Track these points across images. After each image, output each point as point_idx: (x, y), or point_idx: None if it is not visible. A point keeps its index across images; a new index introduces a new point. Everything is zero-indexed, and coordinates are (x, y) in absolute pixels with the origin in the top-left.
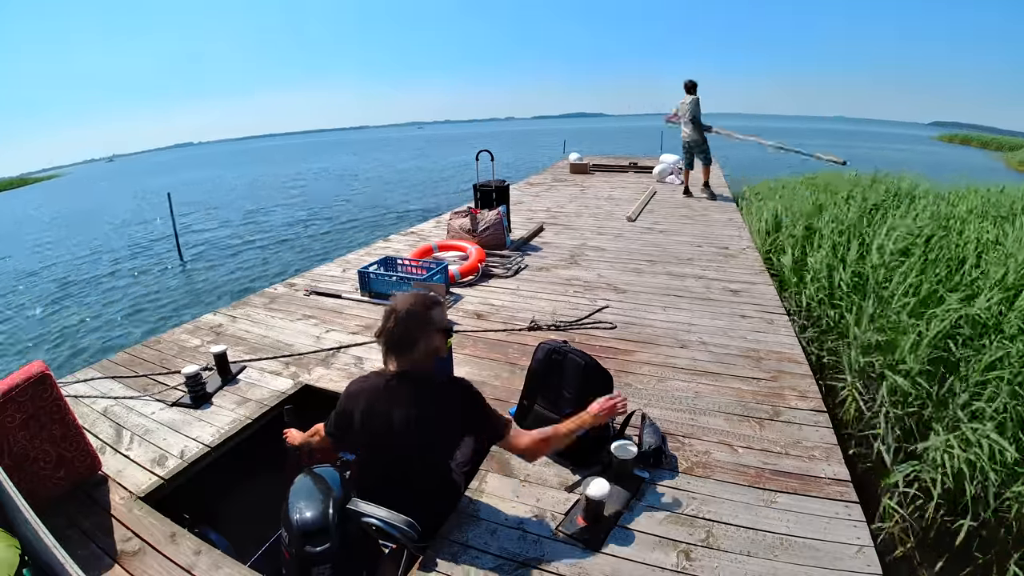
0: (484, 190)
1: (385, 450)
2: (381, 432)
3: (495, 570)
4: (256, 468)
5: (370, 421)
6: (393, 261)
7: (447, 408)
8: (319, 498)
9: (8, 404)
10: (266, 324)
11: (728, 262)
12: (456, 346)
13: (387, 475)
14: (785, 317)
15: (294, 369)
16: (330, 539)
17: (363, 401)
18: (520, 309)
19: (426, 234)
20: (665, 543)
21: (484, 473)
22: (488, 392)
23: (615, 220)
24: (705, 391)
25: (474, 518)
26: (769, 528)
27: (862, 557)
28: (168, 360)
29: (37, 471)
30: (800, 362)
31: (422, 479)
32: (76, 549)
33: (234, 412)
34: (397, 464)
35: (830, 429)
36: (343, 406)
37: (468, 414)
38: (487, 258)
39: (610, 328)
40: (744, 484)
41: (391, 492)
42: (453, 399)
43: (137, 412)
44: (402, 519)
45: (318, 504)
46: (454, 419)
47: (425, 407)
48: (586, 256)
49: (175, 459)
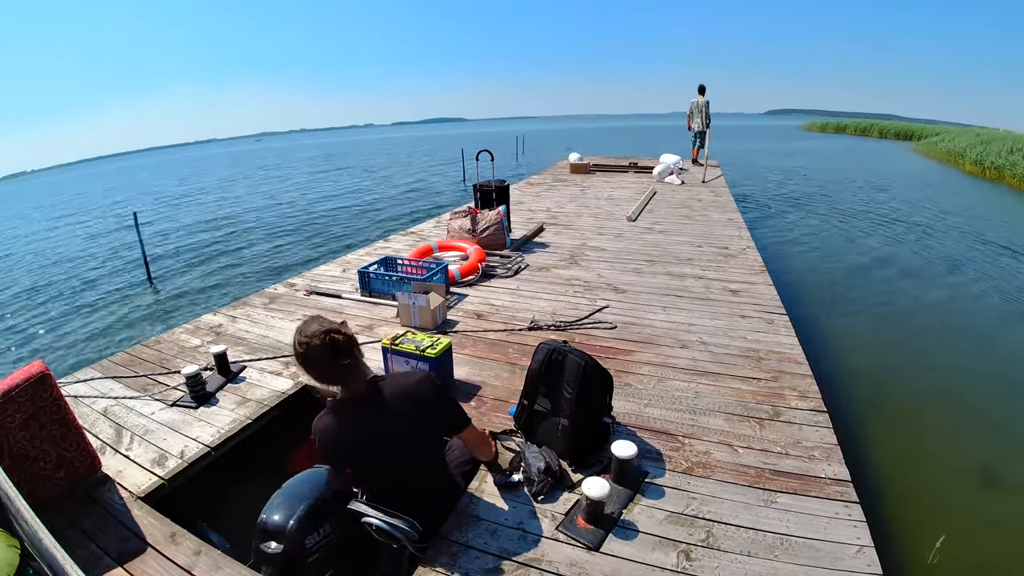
0: (484, 190)
1: (379, 467)
2: (369, 456)
3: (495, 570)
4: (256, 468)
5: (355, 452)
6: (393, 261)
7: (417, 406)
8: (294, 504)
9: (8, 404)
10: (266, 324)
11: (728, 262)
12: (456, 346)
13: (385, 481)
14: (785, 317)
15: (294, 369)
16: (283, 544)
17: (335, 438)
18: (520, 309)
19: (426, 234)
20: (665, 543)
21: (484, 473)
22: (488, 392)
23: (615, 220)
24: (705, 391)
25: (474, 518)
26: (769, 528)
27: (862, 557)
28: (168, 360)
29: (37, 471)
30: (800, 362)
31: (419, 481)
32: (76, 549)
33: (234, 412)
34: (394, 473)
35: (830, 429)
36: (321, 446)
37: (435, 407)
38: (487, 258)
39: (610, 328)
40: (744, 484)
41: (391, 493)
42: (421, 395)
43: (137, 412)
44: (403, 519)
45: (288, 509)
46: (426, 415)
47: (398, 415)
48: (586, 256)
49: (175, 459)
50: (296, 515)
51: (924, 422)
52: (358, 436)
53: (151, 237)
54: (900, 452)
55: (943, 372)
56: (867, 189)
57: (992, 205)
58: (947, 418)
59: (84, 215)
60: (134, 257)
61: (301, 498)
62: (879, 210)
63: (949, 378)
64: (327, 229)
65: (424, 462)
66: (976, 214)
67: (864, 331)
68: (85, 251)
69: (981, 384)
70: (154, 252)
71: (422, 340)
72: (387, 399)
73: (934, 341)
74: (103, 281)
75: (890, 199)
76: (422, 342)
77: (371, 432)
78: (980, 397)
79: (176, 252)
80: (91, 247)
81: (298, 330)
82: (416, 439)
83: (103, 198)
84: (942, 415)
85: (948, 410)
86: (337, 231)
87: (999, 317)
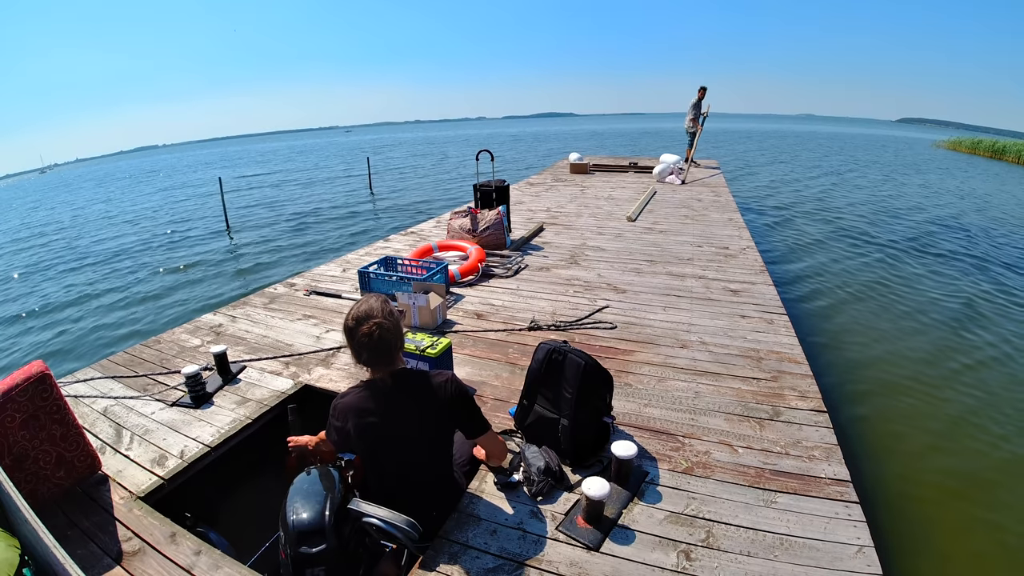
0: (484, 190)
1: (386, 456)
2: (379, 442)
3: (495, 570)
4: (256, 468)
5: (366, 433)
6: (393, 261)
7: (438, 404)
8: (317, 499)
9: (8, 404)
10: (266, 324)
11: (728, 262)
12: (456, 346)
13: (389, 476)
14: (785, 317)
15: (294, 369)
16: (326, 540)
17: (353, 417)
18: (520, 309)
19: (426, 234)
20: (665, 543)
21: (484, 473)
22: (488, 392)
23: (615, 220)
24: (705, 391)
25: (474, 518)
26: (769, 528)
27: (862, 557)
28: (168, 360)
29: (37, 471)
30: (800, 362)
31: (424, 478)
32: (76, 549)
33: (234, 412)
34: (399, 466)
35: (830, 429)
36: (335, 424)
37: (456, 409)
38: (487, 258)
39: (610, 328)
40: (744, 484)
41: (393, 492)
42: (442, 394)
43: (137, 412)
44: (403, 519)
45: (315, 505)
46: (444, 414)
47: (417, 409)
48: (586, 256)
49: (175, 459)
50: (326, 512)
51: (924, 422)
52: (373, 420)
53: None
54: (900, 452)
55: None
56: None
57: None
58: (947, 418)
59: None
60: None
61: (321, 495)
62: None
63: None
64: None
65: (432, 459)
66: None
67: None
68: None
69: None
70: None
71: (422, 340)
72: (411, 392)
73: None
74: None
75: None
76: (422, 342)
77: (387, 419)
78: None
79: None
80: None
81: (357, 305)
82: (429, 436)
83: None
84: (942, 415)
85: (948, 410)
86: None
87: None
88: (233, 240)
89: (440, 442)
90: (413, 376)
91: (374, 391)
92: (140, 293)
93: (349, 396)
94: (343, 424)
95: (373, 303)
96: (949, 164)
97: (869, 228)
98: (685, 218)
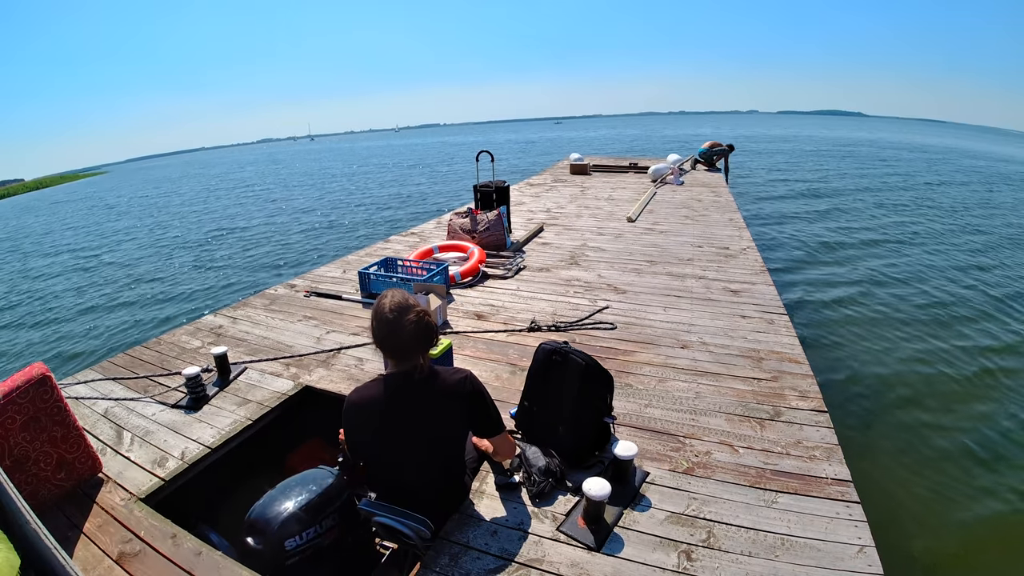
0: (484, 191)
1: (399, 453)
2: (393, 439)
3: (496, 570)
4: (256, 469)
5: (382, 430)
6: (394, 262)
7: (454, 402)
8: (284, 503)
9: (9, 406)
10: (266, 325)
11: (728, 262)
12: (456, 346)
13: (401, 475)
14: (785, 317)
15: (295, 370)
16: (264, 543)
17: (367, 413)
18: (520, 310)
19: (426, 235)
20: (666, 543)
21: (485, 474)
22: (488, 393)
23: (615, 220)
24: (706, 391)
25: (475, 518)
26: (770, 528)
27: (863, 557)
28: (168, 361)
29: (38, 472)
30: (801, 362)
31: (435, 476)
32: (77, 550)
33: (234, 413)
34: (412, 465)
35: (831, 429)
36: (349, 423)
37: (474, 407)
38: (487, 259)
39: (610, 329)
40: (745, 484)
41: (403, 492)
42: (461, 392)
43: (137, 413)
44: (415, 518)
45: (278, 508)
46: (461, 412)
47: (433, 406)
48: (586, 257)
49: (175, 460)
50: (282, 517)
51: (925, 422)
52: (388, 410)
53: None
54: (901, 452)
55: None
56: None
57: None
58: (948, 418)
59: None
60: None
61: (292, 499)
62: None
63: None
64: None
65: (445, 458)
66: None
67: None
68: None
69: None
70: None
71: None
72: (429, 388)
73: None
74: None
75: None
76: None
77: (401, 411)
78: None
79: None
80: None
81: (385, 298)
82: (443, 434)
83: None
84: (943, 415)
85: (949, 410)
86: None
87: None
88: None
89: (453, 440)
90: (431, 372)
91: (394, 383)
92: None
93: (366, 387)
94: (358, 423)
95: (402, 295)
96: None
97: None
98: (685, 218)
